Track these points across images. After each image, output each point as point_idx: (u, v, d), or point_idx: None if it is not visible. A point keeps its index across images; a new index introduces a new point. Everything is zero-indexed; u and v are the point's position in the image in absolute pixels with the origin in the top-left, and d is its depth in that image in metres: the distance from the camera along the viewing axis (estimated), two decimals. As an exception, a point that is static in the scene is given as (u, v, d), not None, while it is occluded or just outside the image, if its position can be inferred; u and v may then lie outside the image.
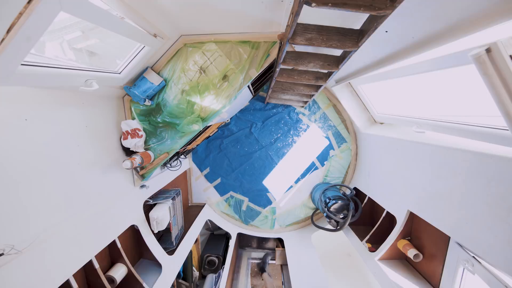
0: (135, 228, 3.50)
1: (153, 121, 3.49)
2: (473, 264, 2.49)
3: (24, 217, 2.06)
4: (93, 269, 2.71)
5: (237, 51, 3.25)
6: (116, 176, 3.25)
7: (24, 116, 2.11)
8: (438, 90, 2.81)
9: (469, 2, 1.34)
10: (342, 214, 4.39)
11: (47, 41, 2.90)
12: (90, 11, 1.91)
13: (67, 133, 2.57)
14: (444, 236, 2.87)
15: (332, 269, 6.26)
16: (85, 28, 3.23)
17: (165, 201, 4.00)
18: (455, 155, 2.57)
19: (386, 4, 1.47)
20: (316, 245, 5.32)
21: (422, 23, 1.74)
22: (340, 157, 5.55)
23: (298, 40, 2.08)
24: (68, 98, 2.58)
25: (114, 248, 3.12)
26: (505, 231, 2.08)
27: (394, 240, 3.72)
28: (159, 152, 3.57)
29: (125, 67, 2.99)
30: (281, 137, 5.61)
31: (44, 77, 2.08)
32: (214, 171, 5.84)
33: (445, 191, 2.73)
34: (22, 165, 2.08)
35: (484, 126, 2.34)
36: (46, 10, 1.53)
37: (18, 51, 1.64)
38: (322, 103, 5.41)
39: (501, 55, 1.60)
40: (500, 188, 2.12)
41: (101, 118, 3.06)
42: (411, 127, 3.42)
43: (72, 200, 2.54)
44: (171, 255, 3.90)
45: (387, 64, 2.41)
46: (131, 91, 3.22)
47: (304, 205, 5.80)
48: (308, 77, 3.27)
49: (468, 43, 1.67)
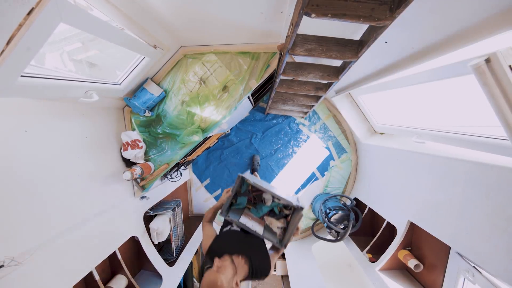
0: (136, 239, 3.47)
1: (153, 132, 3.48)
2: (473, 274, 2.47)
3: (24, 228, 2.04)
4: (93, 280, 2.69)
5: (237, 62, 3.26)
6: (116, 187, 3.23)
7: (24, 128, 2.10)
8: (438, 100, 2.82)
9: (468, 13, 1.35)
10: (342, 225, 4.36)
11: (47, 52, 2.92)
12: (90, 22, 1.91)
13: (67, 144, 2.56)
14: (445, 246, 2.84)
15: (332, 280, 6.18)
16: (85, 39, 3.25)
17: (166, 212, 3.97)
18: (455, 165, 2.56)
19: (386, 14, 1.48)
20: (317, 256, 5.26)
21: (422, 33, 1.75)
22: (340, 168, 5.54)
23: (298, 51, 2.08)
24: (68, 109, 2.58)
25: (115, 259, 3.10)
26: (505, 241, 2.07)
27: (394, 251, 3.68)
28: (159, 163, 3.56)
29: (125, 78, 3.00)
30: (281, 147, 5.60)
31: (44, 88, 2.08)
32: (214, 182, 5.81)
33: (445, 201, 2.72)
34: (22, 176, 2.07)
35: (484, 136, 2.34)
36: (46, 21, 1.53)
37: (18, 62, 1.64)
38: (322, 113, 5.41)
39: (500, 65, 1.60)
40: (500, 198, 2.11)
41: (101, 129, 3.06)
42: (411, 137, 3.41)
43: (72, 211, 2.53)
44: (172, 266, 3.87)
45: (387, 75, 2.41)
46: (131, 102, 3.22)
47: (305, 215, 5.75)
48: (308, 88, 3.27)
49: (467, 53, 1.68)
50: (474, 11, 1.32)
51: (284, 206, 2.45)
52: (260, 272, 1.93)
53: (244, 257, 1.90)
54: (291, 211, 2.41)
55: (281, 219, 2.39)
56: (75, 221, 2.54)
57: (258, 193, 2.52)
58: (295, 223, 2.13)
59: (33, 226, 2.12)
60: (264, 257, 2.02)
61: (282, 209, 2.45)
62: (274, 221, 2.35)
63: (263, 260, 1.99)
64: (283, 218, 2.41)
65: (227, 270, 1.74)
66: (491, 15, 1.27)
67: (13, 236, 1.96)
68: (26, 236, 2.05)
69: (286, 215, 2.43)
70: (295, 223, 2.13)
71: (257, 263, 1.94)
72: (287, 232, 2.22)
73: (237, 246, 1.99)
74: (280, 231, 2.29)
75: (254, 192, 2.52)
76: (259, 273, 1.93)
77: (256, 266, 1.91)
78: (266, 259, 2.01)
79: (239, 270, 1.83)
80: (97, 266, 2.66)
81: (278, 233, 2.27)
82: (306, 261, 5.19)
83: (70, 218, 2.50)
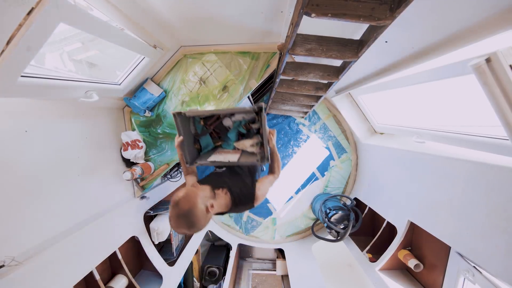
0: (136, 239, 3.47)
1: (153, 132, 3.48)
2: (473, 274, 2.46)
3: (24, 228, 2.05)
4: (93, 280, 2.70)
5: (237, 62, 3.26)
6: (116, 187, 3.23)
7: (24, 128, 2.10)
8: (438, 100, 2.81)
9: (468, 13, 1.35)
10: (342, 225, 4.37)
11: (47, 52, 2.92)
12: (90, 22, 1.91)
13: (67, 144, 2.57)
14: (445, 246, 2.84)
15: (332, 280, 6.17)
16: (85, 40, 3.25)
17: (166, 212, 3.97)
18: (455, 165, 2.56)
19: (386, 14, 1.47)
20: (317, 256, 5.26)
21: (422, 33, 1.75)
22: (340, 168, 5.54)
23: (298, 51, 2.08)
24: (68, 109, 2.58)
25: (115, 259, 3.11)
26: (505, 241, 2.06)
27: (394, 250, 3.68)
28: (159, 163, 3.56)
29: (125, 78, 3.00)
30: (281, 147, 5.60)
31: (44, 88, 2.08)
32: (214, 182, 5.78)
33: (445, 201, 2.71)
34: (22, 176, 2.07)
35: (484, 136, 2.34)
36: (45, 21, 1.53)
37: (18, 62, 1.64)
38: (322, 113, 5.41)
39: (501, 65, 1.60)
40: (500, 198, 2.10)
41: (101, 129, 3.06)
42: (411, 137, 3.41)
43: (72, 211, 2.53)
44: (172, 266, 3.88)
45: (387, 74, 2.41)
46: (131, 102, 3.22)
47: (305, 215, 5.76)
48: (308, 88, 3.27)
49: (468, 53, 1.67)
50: (474, 11, 1.32)
51: (249, 122, 2.30)
52: (243, 199, 1.96)
53: (223, 189, 1.92)
54: (258, 122, 2.26)
55: (254, 136, 2.27)
56: (75, 221, 2.54)
57: (216, 123, 2.38)
58: (264, 129, 2.05)
59: (33, 226, 2.12)
60: (244, 186, 2.02)
61: (249, 126, 2.31)
62: (246, 142, 2.25)
63: (243, 188, 2.00)
64: (255, 134, 2.28)
65: (204, 190, 1.76)
66: (491, 15, 1.27)
67: (13, 236, 1.96)
68: (26, 236, 2.05)
69: (258, 130, 2.29)
70: (264, 129, 2.05)
71: (238, 191, 1.96)
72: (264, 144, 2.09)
73: (217, 182, 1.99)
74: (257, 149, 2.20)
75: (211, 125, 2.39)
76: (242, 200, 1.96)
77: (236, 194, 1.94)
78: (246, 187, 2.02)
79: (221, 200, 1.86)
80: (97, 266, 2.67)
81: (255, 151, 2.19)
82: (306, 261, 5.20)
83: (70, 218, 2.50)
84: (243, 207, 2.00)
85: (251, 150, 2.22)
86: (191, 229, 1.61)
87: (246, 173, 2.23)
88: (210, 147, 2.39)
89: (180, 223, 1.58)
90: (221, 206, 1.87)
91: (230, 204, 1.91)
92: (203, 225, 1.65)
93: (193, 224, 1.59)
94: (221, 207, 1.88)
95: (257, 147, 2.22)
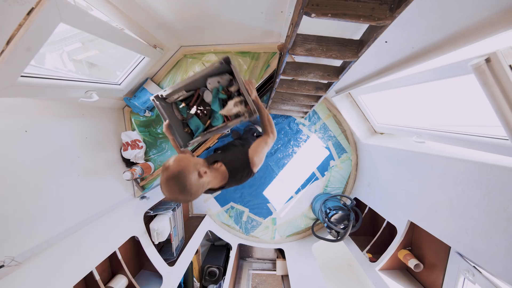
0: (136, 239, 3.47)
1: (153, 132, 3.48)
2: (473, 274, 2.46)
3: (24, 228, 2.05)
4: (93, 280, 2.69)
5: (237, 62, 3.26)
6: (116, 187, 3.24)
7: (24, 128, 2.11)
8: (438, 100, 2.81)
9: (468, 12, 1.35)
10: (342, 225, 4.37)
11: (47, 52, 2.91)
12: (90, 22, 1.91)
13: (67, 144, 2.57)
14: (445, 246, 2.84)
15: (332, 280, 6.18)
16: (85, 40, 3.25)
17: (166, 212, 3.98)
18: (455, 165, 2.55)
19: (386, 14, 1.47)
20: (317, 256, 5.26)
21: (422, 33, 1.75)
22: (340, 168, 5.54)
23: (298, 51, 2.08)
24: (68, 109, 2.58)
25: (115, 259, 3.10)
26: (505, 241, 2.06)
27: (394, 250, 3.68)
28: (159, 163, 3.56)
29: (125, 78, 3.00)
30: (281, 147, 5.59)
31: (44, 88, 2.08)
32: (214, 182, 5.78)
33: (445, 201, 2.71)
34: (22, 176, 2.08)
35: (484, 136, 2.33)
36: (45, 21, 1.53)
37: (18, 62, 1.64)
38: (322, 113, 5.41)
39: (500, 65, 1.60)
40: (500, 198, 2.10)
41: (101, 130, 3.06)
42: (411, 137, 3.41)
43: (72, 211, 2.53)
44: (172, 266, 3.87)
45: (387, 74, 2.41)
46: (131, 102, 3.22)
47: (305, 215, 5.76)
48: (308, 88, 3.27)
49: (467, 53, 1.68)
50: (474, 11, 1.32)
51: (227, 87, 2.31)
52: (238, 166, 1.97)
53: (217, 162, 1.95)
54: (235, 83, 2.27)
55: (235, 97, 2.27)
56: (75, 221, 2.54)
57: (198, 102, 2.39)
58: (239, 80, 2.02)
59: (33, 226, 2.12)
60: (239, 153, 2.04)
61: (227, 90, 2.32)
62: (229, 105, 2.24)
63: (237, 157, 2.02)
64: (237, 96, 2.28)
65: (197, 159, 1.77)
66: (491, 15, 1.27)
67: (13, 236, 1.96)
68: (26, 236, 2.06)
69: (238, 92, 2.30)
70: (239, 80, 2.02)
71: (231, 159, 1.98)
72: (244, 96, 2.11)
73: (210, 158, 2.03)
74: (242, 107, 2.20)
75: (193, 104, 2.40)
76: (238, 168, 1.97)
77: (231, 163, 1.96)
78: (241, 153, 2.03)
79: (217, 173, 1.88)
80: (97, 266, 2.66)
81: (241, 110, 2.18)
82: (306, 261, 5.20)
83: (70, 218, 2.50)
84: (240, 175, 1.98)
85: (237, 111, 2.22)
86: (183, 193, 1.58)
87: (240, 146, 2.25)
88: (201, 129, 2.39)
89: (171, 187, 1.56)
90: (219, 179, 1.88)
91: (227, 174, 1.92)
92: (195, 191, 1.63)
93: (185, 188, 1.57)
94: (219, 180, 1.89)
95: (242, 105, 2.22)
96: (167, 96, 2.18)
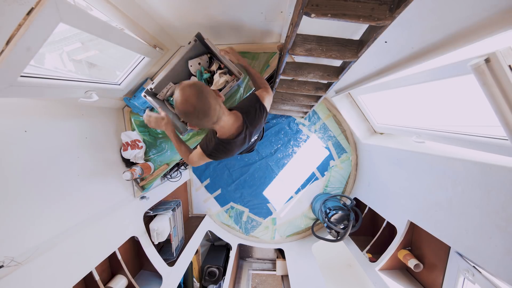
0: (136, 239, 3.47)
1: (153, 132, 3.48)
2: (473, 274, 2.47)
3: (23, 229, 2.05)
4: (93, 281, 2.69)
5: (236, 62, 3.25)
6: (116, 187, 3.24)
7: (23, 128, 2.10)
8: (438, 100, 2.81)
9: (468, 13, 1.35)
10: (342, 225, 4.37)
11: (46, 52, 2.91)
12: (90, 22, 1.91)
13: (67, 144, 2.57)
14: (444, 246, 2.85)
15: (332, 280, 6.18)
16: (85, 39, 3.25)
17: (166, 212, 3.97)
18: (455, 165, 2.56)
19: (386, 14, 1.47)
20: (317, 256, 5.27)
21: (422, 33, 1.75)
22: (340, 168, 5.54)
23: (297, 51, 2.08)
24: (67, 109, 2.58)
25: (115, 259, 3.11)
26: (505, 241, 2.06)
27: (394, 250, 3.69)
28: (159, 163, 3.56)
29: (124, 78, 3.00)
30: (281, 147, 5.59)
31: (43, 88, 2.08)
32: (214, 182, 5.81)
33: (445, 201, 2.72)
34: (22, 177, 2.07)
35: (484, 136, 2.34)
36: (45, 21, 1.53)
37: (18, 62, 1.64)
38: (322, 113, 5.41)
39: (500, 65, 1.60)
40: (500, 198, 2.10)
41: (101, 130, 3.06)
42: (410, 137, 3.41)
43: (72, 211, 2.53)
44: (172, 266, 3.87)
45: (387, 74, 2.41)
46: (131, 102, 3.22)
47: (305, 215, 5.77)
48: (308, 88, 3.27)
49: (467, 53, 1.68)
50: (473, 11, 1.32)
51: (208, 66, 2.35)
52: (248, 106, 2.08)
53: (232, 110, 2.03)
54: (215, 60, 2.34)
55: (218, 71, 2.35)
56: (75, 221, 2.54)
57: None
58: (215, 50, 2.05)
59: (33, 226, 2.12)
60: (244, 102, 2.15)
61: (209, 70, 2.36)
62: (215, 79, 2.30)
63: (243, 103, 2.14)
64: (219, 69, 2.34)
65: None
66: (490, 15, 1.27)
67: (13, 236, 1.96)
68: (25, 236, 2.05)
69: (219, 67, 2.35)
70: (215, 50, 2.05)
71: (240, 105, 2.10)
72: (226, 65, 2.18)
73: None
74: (228, 76, 2.27)
75: None
76: (248, 107, 2.07)
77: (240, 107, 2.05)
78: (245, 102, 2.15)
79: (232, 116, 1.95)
80: (97, 266, 2.67)
81: (229, 80, 2.21)
82: (306, 261, 5.20)
83: (70, 218, 2.50)
84: (253, 111, 2.06)
85: (224, 80, 2.30)
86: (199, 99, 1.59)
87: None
88: None
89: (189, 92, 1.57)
90: (233, 120, 1.93)
91: (240, 116, 1.98)
92: (211, 105, 1.65)
93: (202, 93, 1.59)
94: (233, 121, 1.93)
95: (227, 75, 2.32)
96: (157, 91, 2.19)
